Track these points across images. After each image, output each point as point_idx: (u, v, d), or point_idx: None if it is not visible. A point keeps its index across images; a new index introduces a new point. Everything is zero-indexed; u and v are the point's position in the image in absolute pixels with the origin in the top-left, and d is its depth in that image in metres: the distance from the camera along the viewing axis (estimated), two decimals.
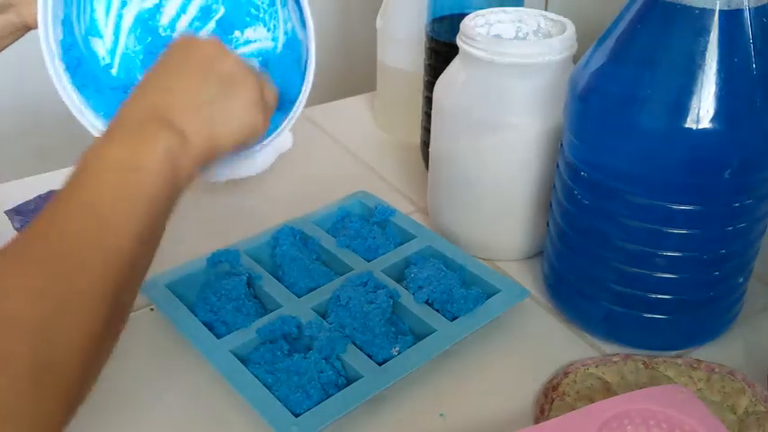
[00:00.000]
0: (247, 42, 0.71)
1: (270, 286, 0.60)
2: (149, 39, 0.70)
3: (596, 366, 0.55)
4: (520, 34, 0.65)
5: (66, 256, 0.39)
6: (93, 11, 0.68)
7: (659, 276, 0.53)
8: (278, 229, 0.65)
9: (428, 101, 0.73)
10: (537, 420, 0.51)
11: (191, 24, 0.71)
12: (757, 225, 0.53)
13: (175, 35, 0.68)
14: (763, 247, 0.56)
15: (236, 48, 0.70)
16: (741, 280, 0.56)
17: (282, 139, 0.61)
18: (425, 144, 0.77)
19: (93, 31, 0.69)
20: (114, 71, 0.69)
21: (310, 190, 0.76)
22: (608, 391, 0.53)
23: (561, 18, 0.63)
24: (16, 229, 0.66)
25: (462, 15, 0.63)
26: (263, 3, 0.71)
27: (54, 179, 0.65)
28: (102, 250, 0.41)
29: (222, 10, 0.71)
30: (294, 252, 0.63)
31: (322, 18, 1.30)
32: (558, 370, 0.55)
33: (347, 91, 1.00)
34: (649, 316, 0.55)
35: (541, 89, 0.60)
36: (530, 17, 0.65)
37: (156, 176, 0.44)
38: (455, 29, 0.62)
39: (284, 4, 0.70)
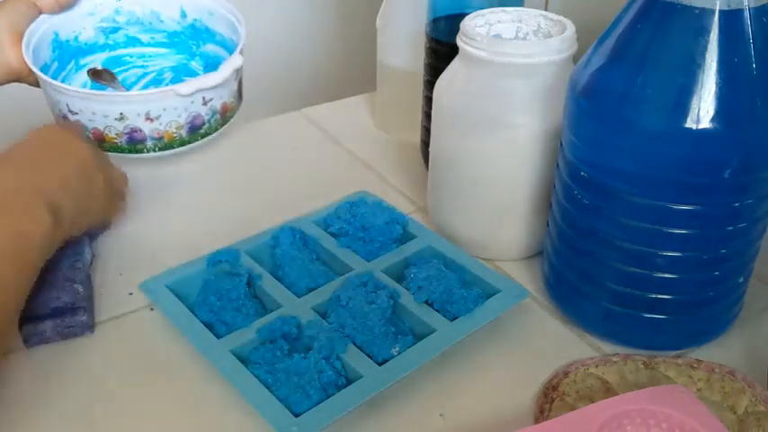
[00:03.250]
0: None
1: (270, 286, 0.60)
2: None
3: (596, 366, 0.55)
4: (520, 34, 0.65)
5: None
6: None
7: (659, 276, 0.53)
8: (278, 229, 0.65)
9: (428, 101, 0.73)
10: (537, 420, 0.51)
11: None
12: (757, 225, 0.53)
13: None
14: (763, 247, 0.56)
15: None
16: (741, 280, 0.56)
17: (234, 58, 0.76)
18: (425, 144, 0.77)
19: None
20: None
21: (310, 190, 0.76)
22: (608, 391, 0.53)
23: (561, 18, 0.63)
24: None
25: (462, 15, 0.63)
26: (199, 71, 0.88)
27: None
28: None
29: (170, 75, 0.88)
30: (294, 252, 0.63)
31: (322, 18, 1.30)
32: (557, 370, 0.55)
33: (347, 91, 1.00)
34: (649, 316, 0.55)
35: (541, 89, 0.60)
36: (530, 17, 0.65)
37: (40, 250, 0.52)
38: (455, 29, 0.62)
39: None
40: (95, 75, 0.83)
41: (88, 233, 0.67)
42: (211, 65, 0.86)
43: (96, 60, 0.85)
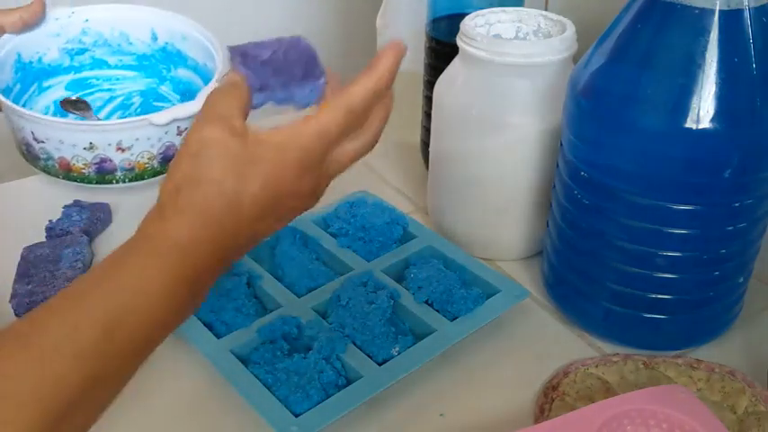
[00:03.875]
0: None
1: (270, 286, 0.60)
2: None
3: (596, 366, 0.55)
4: (520, 34, 0.65)
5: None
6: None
7: (659, 276, 0.53)
8: None
9: (428, 101, 0.73)
10: (537, 420, 0.51)
11: None
12: (757, 225, 0.53)
13: None
14: (763, 247, 0.56)
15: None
16: (741, 280, 0.56)
17: (212, 86, 0.72)
18: (425, 144, 0.77)
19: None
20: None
21: None
22: (608, 391, 0.53)
23: (561, 18, 0.63)
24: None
25: (462, 15, 0.63)
26: (170, 100, 0.84)
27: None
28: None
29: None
30: (294, 252, 0.63)
31: (322, 18, 1.30)
32: (558, 370, 0.55)
33: None
34: (649, 316, 0.55)
35: (541, 89, 0.60)
36: (530, 17, 0.65)
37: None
38: (455, 29, 0.62)
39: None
40: (69, 105, 0.79)
41: (88, 232, 0.67)
42: (182, 90, 0.84)
43: (60, 82, 0.82)
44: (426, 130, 0.77)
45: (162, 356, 0.57)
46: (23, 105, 0.77)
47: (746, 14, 0.46)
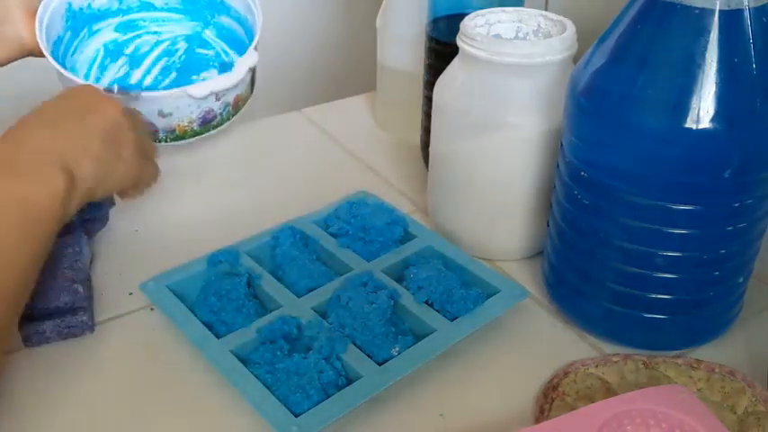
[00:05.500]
0: (204, 80, 0.83)
1: (270, 286, 0.60)
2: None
3: (596, 366, 0.55)
4: (520, 34, 0.65)
5: None
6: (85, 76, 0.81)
7: (659, 276, 0.53)
8: (278, 229, 0.65)
9: (428, 101, 0.73)
10: (537, 420, 0.51)
11: (155, 81, 0.86)
12: (757, 225, 0.53)
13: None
14: (763, 247, 0.56)
15: (194, 83, 0.82)
16: (741, 280, 0.56)
17: (249, 56, 0.75)
18: (425, 144, 0.77)
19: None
20: None
21: (310, 190, 0.76)
22: (608, 391, 0.53)
23: (561, 18, 0.63)
24: None
25: (462, 15, 0.63)
26: (210, 57, 0.86)
27: None
28: None
29: (178, 66, 0.86)
30: (294, 252, 0.63)
31: (322, 18, 1.30)
32: (558, 370, 0.55)
33: (347, 91, 1.00)
34: (649, 316, 0.55)
35: (541, 89, 0.60)
36: (530, 17, 0.65)
37: (50, 215, 0.50)
38: (455, 29, 0.62)
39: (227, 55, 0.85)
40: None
41: (87, 231, 0.67)
42: (226, 37, 0.85)
43: (109, 25, 0.83)
44: (426, 130, 0.77)
45: (162, 356, 0.57)
46: (74, 52, 0.79)
47: (746, 14, 0.46)
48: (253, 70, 0.79)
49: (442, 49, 0.71)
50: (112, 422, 0.52)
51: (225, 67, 0.84)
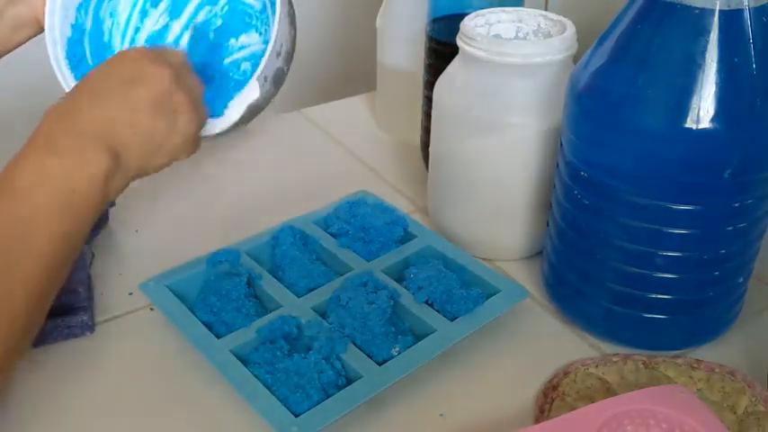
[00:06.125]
0: (241, 48, 0.76)
1: (270, 286, 0.60)
2: None
3: (596, 366, 0.55)
4: (520, 34, 0.65)
5: None
6: (111, 36, 0.74)
7: (659, 276, 0.53)
8: (278, 229, 0.65)
9: (428, 101, 0.73)
10: (537, 420, 0.51)
11: (190, 43, 0.76)
12: (757, 225, 0.53)
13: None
14: (763, 247, 0.56)
15: (230, 54, 0.75)
16: (741, 280, 0.56)
17: (249, 90, 0.64)
18: (425, 144, 0.77)
19: (108, 46, 0.74)
20: None
21: (310, 190, 0.76)
22: (608, 391, 0.53)
23: (561, 18, 0.63)
24: None
25: (462, 15, 0.63)
26: (255, 11, 0.76)
27: None
28: (24, 266, 0.44)
29: (220, 22, 0.76)
30: (294, 252, 0.63)
31: (322, 18, 1.30)
32: (558, 370, 0.55)
33: (347, 91, 1.00)
34: (649, 316, 0.55)
35: (541, 89, 0.60)
36: (530, 17, 0.65)
37: (88, 197, 0.47)
38: (455, 29, 0.62)
39: (273, 8, 0.73)
40: None
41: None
42: None
43: None
44: (426, 130, 0.77)
45: (162, 356, 0.57)
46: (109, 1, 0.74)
47: (746, 14, 0.46)
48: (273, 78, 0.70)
49: (442, 49, 0.71)
50: (112, 422, 0.52)
51: (268, 31, 0.74)
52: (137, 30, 0.76)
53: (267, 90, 0.67)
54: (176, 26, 0.78)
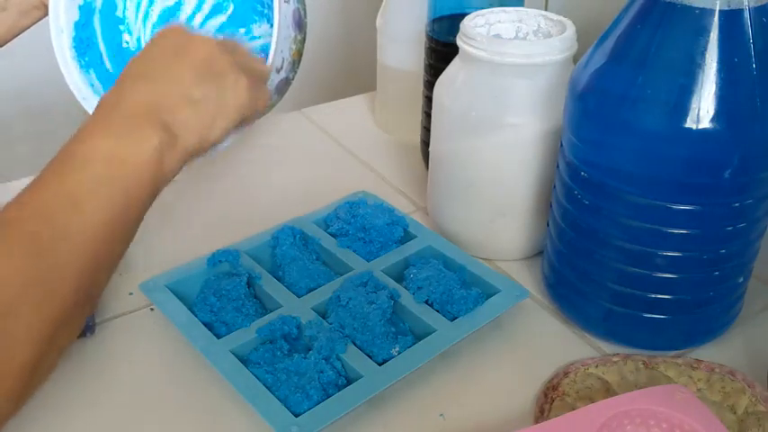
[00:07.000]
0: (252, 39, 0.75)
1: (270, 286, 0.60)
2: None
3: (596, 366, 0.55)
4: (520, 34, 0.65)
5: (39, 240, 0.41)
6: (125, 8, 0.73)
7: (659, 276, 0.53)
8: (278, 229, 0.65)
9: (428, 101, 0.73)
10: (537, 420, 0.51)
11: (204, 22, 0.75)
12: (757, 225, 0.53)
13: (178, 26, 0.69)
14: (763, 247, 0.56)
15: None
16: (741, 280, 0.56)
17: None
18: (425, 144, 0.77)
19: (123, 23, 0.73)
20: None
21: (310, 190, 0.76)
22: (608, 391, 0.53)
23: (561, 18, 0.63)
24: None
25: (462, 15, 0.63)
26: (267, 0, 0.75)
27: None
28: (73, 238, 0.42)
29: (231, 8, 0.75)
30: (294, 252, 0.63)
31: (322, 18, 1.30)
32: (558, 370, 0.55)
33: (347, 91, 1.00)
34: (649, 316, 0.55)
35: (541, 89, 0.60)
36: (530, 17, 0.65)
37: (140, 174, 0.45)
38: (455, 29, 0.62)
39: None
40: None
41: None
42: None
43: None
44: (426, 130, 0.77)
45: (162, 356, 0.57)
46: None
47: (746, 14, 0.46)
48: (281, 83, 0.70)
49: (442, 49, 0.71)
50: (112, 422, 0.52)
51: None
52: (151, 2, 0.75)
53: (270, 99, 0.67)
54: (188, 7, 0.76)
